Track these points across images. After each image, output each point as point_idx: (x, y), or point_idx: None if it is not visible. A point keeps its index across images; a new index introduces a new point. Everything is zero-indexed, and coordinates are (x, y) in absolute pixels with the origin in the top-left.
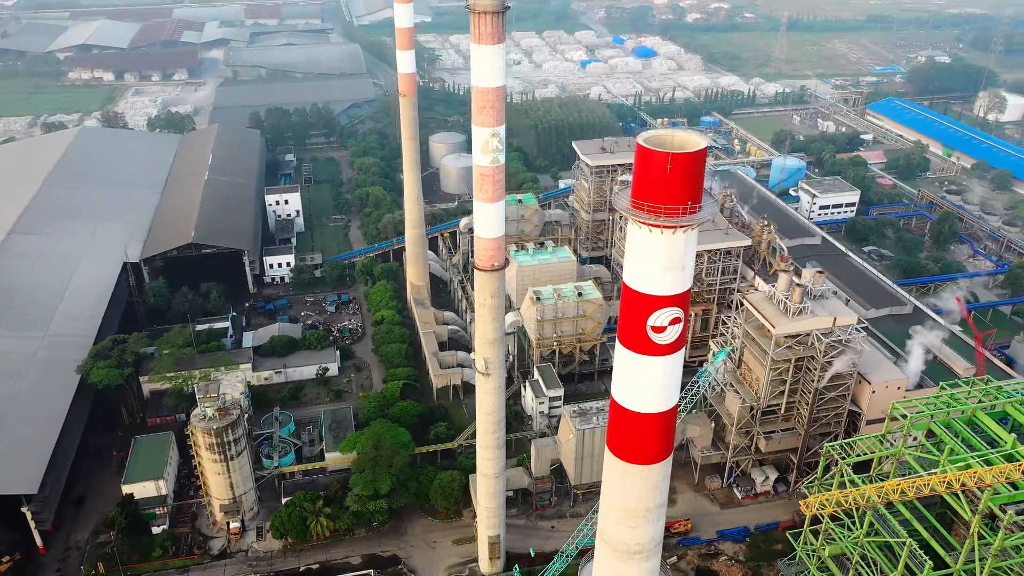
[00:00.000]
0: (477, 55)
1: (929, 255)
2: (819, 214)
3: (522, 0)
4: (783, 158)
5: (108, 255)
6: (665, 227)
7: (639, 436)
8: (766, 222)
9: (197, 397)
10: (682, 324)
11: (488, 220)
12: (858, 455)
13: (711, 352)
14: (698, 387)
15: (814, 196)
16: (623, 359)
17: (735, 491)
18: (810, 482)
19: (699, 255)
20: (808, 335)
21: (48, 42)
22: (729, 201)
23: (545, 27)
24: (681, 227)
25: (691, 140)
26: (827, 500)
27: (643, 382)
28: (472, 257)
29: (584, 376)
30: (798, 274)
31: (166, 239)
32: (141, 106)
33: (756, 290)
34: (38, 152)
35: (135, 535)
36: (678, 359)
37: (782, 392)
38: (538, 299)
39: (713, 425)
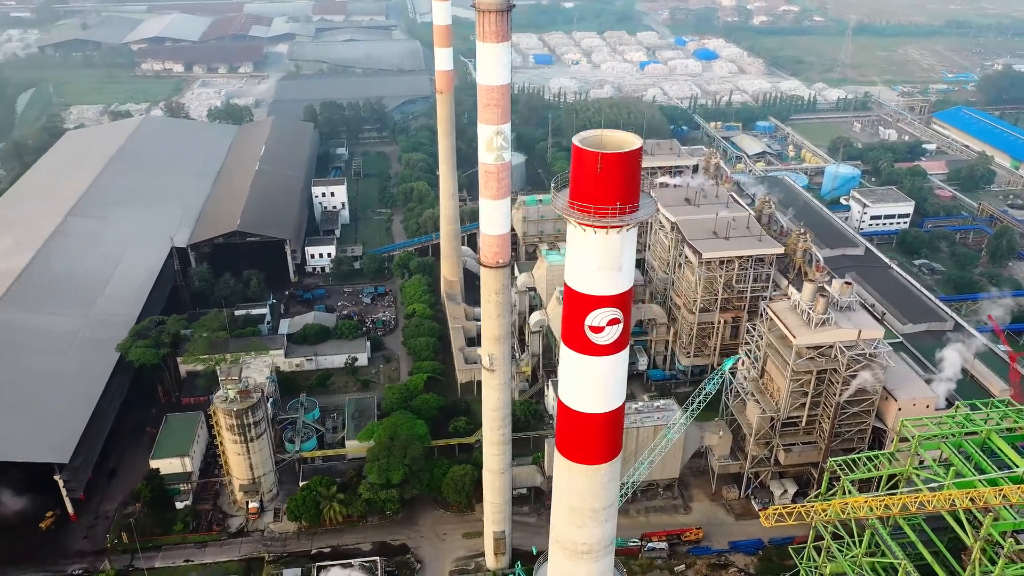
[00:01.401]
0: (482, 53)
1: (984, 271)
2: (870, 224)
3: (585, 0)
4: (836, 165)
5: (157, 240)
6: (596, 227)
7: (583, 436)
8: (802, 230)
9: (219, 379)
10: (621, 325)
11: (493, 217)
12: (862, 472)
13: (740, 360)
14: (705, 393)
15: (865, 205)
16: (566, 358)
17: (752, 503)
18: (813, 496)
19: (729, 261)
20: (831, 347)
21: (124, 34)
22: (767, 208)
23: (607, 27)
24: (613, 227)
25: (628, 141)
26: (787, 512)
27: (584, 382)
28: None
29: None
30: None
31: (213, 226)
32: (206, 97)
33: (789, 299)
34: (102, 139)
35: (159, 509)
36: (618, 360)
37: (803, 404)
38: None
39: (732, 434)
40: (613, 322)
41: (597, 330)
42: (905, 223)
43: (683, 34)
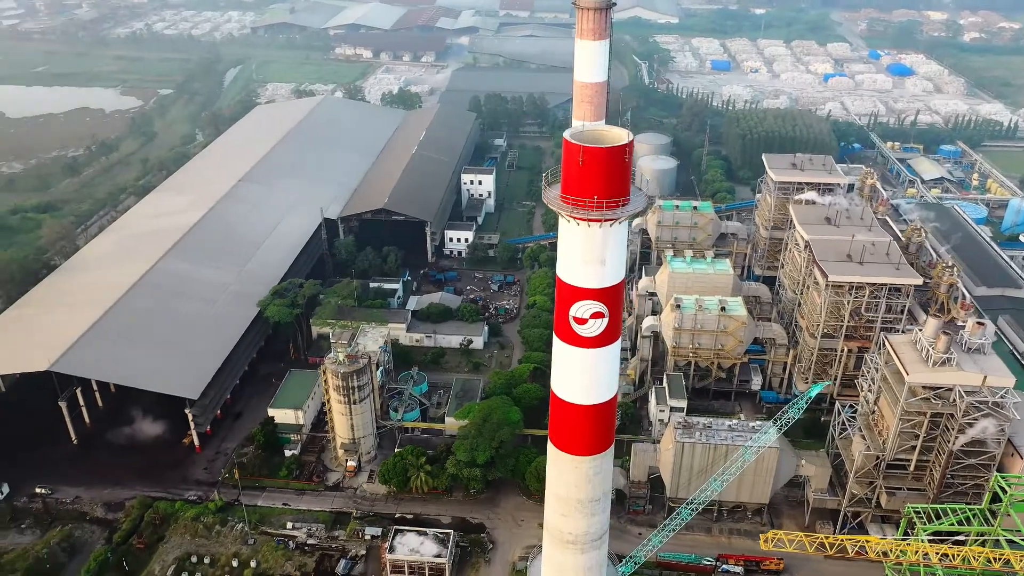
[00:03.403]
0: (579, 50)
1: None
2: None
3: (778, 7)
4: (1022, 199)
5: (312, 210)
6: (577, 219)
7: (568, 425)
8: (950, 263)
9: (331, 342)
10: (606, 320)
11: None
12: (944, 524)
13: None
14: (787, 418)
15: None
16: (557, 348)
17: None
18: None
19: (859, 287)
20: (950, 390)
21: (325, 20)
22: (917, 236)
23: (796, 36)
24: (593, 220)
25: (616, 137)
26: (787, 539)
27: (570, 371)
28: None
29: (719, 394)
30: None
31: (363, 202)
32: (386, 83)
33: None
34: (284, 115)
35: (270, 453)
36: (603, 355)
37: (913, 447)
38: (678, 307)
39: (833, 468)
40: (597, 316)
41: (581, 322)
42: None
43: (879, 47)
